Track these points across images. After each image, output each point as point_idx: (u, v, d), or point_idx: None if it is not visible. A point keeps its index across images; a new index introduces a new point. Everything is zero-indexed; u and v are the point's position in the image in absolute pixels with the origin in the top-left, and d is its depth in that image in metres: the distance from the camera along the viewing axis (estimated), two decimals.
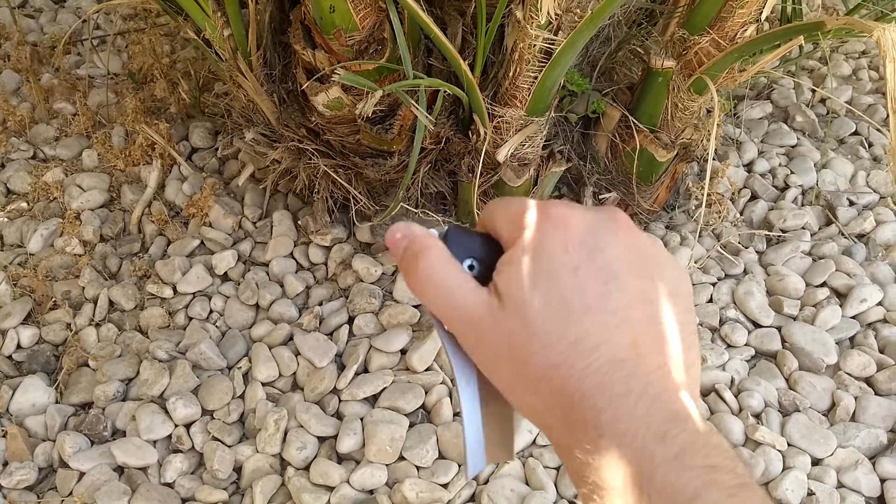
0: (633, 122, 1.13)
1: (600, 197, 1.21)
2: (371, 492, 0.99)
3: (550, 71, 0.93)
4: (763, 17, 0.98)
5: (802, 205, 1.37)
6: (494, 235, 0.40)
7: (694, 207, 1.32)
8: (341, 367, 1.11)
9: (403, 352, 1.12)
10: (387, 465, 1.01)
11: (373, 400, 1.08)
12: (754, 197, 1.38)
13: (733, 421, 1.05)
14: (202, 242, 1.27)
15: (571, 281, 0.35)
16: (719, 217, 1.30)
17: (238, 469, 1.03)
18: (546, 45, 0.91)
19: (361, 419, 1.04)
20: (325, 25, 0.92)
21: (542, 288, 0.35)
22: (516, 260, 0.36)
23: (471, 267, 0.40)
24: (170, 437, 1.04)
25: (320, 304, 1.18)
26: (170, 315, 1.19)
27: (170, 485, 1.01)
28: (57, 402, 1.09)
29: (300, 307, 1.19)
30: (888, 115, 0.82)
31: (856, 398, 1.08)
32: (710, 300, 1.21)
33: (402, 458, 1.01)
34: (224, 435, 1.04)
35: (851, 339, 1.17)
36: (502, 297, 0.36)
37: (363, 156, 1.10)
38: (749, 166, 1.43)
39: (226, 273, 1.23)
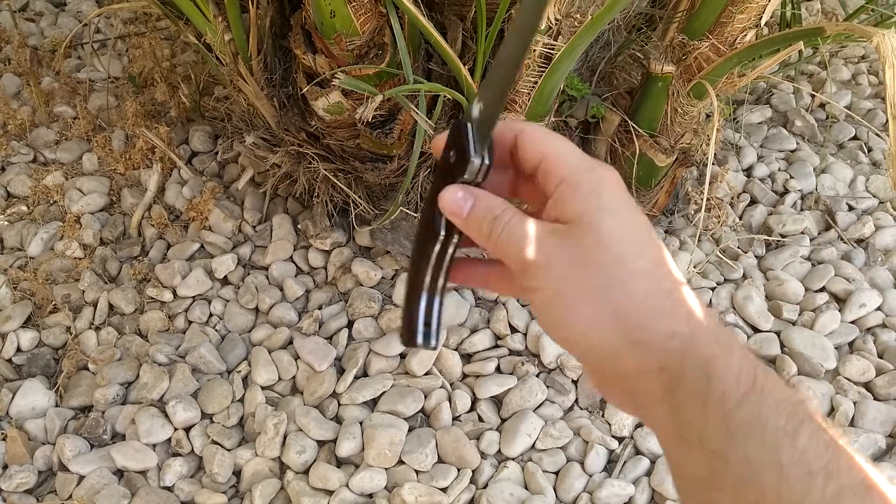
0: (633, 127, 1.13)
1: None
2: (370, 496, 0.99)
3: (550, 76, 0.93)
4: (762, 22, 0.99)
5: (802, 209, 1.37)
6: (524, 152, 0.41)
7: (693, 212, 1.32)
8: (341, 371, 1.11)
9: (403, 356, 1.12)
10: (386, 469, 1.01)
11: (372, 404, 1.08)
12: (753, 202, 1.38)
13: None
14: (202, 246, 1.27)
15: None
16: (718, 222, 1.31)
17: (237, 473, 1.03)
18: (546, 50, 0.91)
19: (361, 423, 1.04)
20: (325, 30, 0.93)
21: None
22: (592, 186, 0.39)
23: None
24: (169, 440, 1.04)
25: (320, 307, 1.18)
26: (169, 318, 1.19)
27: (169, 488, 1.01)
28: (57, 406, 1.09)
29: (300, 311, 1.19)
30: (887, 120, 0.82)
31: (855, 403, 1.08)
32: (709, 305, 1.21)
33: (401, 461, 1.01)
34: (223, 438, 1.04)
35: (850, 343, 1.17)
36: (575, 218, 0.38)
37: (363, 160, 1.10)
38: (748, 171, 1.43)
39: (225, 277, 1.23)
